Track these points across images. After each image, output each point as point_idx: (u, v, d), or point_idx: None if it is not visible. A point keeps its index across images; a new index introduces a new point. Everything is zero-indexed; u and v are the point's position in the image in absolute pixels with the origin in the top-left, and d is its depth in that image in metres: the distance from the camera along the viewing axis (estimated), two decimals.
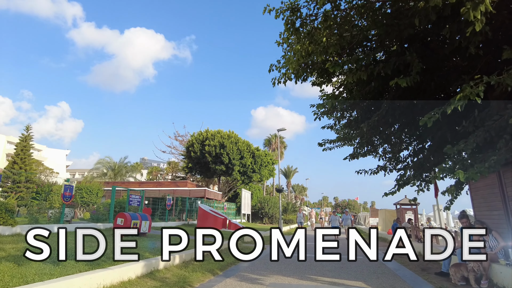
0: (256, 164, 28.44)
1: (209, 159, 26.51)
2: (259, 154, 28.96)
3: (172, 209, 19.23)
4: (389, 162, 9.83)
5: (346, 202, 75.37)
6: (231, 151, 26.49)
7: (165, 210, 17.18)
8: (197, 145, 27.51)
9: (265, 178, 30.11)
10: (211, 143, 26.77)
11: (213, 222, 17.79)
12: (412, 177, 9.10)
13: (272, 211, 32.02)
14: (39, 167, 40.37)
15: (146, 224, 9.94)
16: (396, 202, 19.38)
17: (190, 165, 27.81)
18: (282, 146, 49.17)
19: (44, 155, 67.46)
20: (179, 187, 24.72)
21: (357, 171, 9.85)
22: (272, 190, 47.02)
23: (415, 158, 9.49)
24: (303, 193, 70.14)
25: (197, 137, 28.38)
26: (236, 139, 27.95)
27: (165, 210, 17.14)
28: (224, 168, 26.43)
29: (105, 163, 46.11)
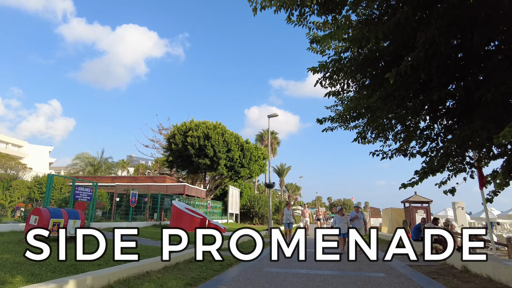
0: (245, 158, 25.56)
1: (191, 151, 23.55)
2: (248, 147, 26.07)
3: (142, 207, 16.27)
4: (408, 142, 7.29)
5: (342, 201, 72.90)
6: (217, 143, 23.56)
7: (131, 208, 14.22)
8: (179, 137, 24.53)
9: (255, 174, 27.23)
10: (194, 134, 23.82)
11: (188, 222, 14.90)
12: (445, 160, 6.53)
13: (263, 210, 29.18)
14: (9, 162, 37.25)
15: (75, 224, 7.03)
16: (405, 199, 16.74)
17: (170, 159, 24.80)
18: (275, 142, 46.39)
19: (25, 152, 64.47)
20: (156, 183, 21.73)
21: (373, 152, 7.32)
22: (264, 188, 44.20)
23: (450, 134, 6.92)
24: (297, 192, 67.45)
25: (179, 127, 25.39)
26: (223, 130, 25.04)
27: (130, 208, 14.19)
28: (208, 162, 23.49)
29: (83, 159, 42.90)
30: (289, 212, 12.17)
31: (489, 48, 5.73)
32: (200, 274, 5.13)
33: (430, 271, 6.21)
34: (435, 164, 6.56)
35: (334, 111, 8.36)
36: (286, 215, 12.16)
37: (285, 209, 12.38)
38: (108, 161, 44.23)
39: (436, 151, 6.97)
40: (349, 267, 6.38)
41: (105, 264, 4.73)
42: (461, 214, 12.37)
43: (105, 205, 13.69)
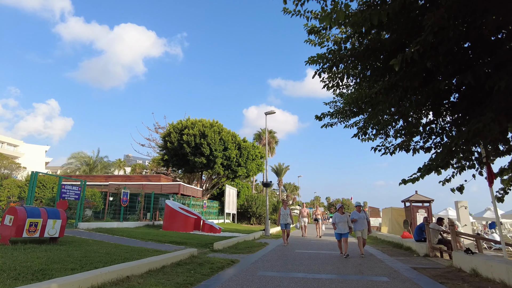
0: (242, 157, 25.08)
1: (187, 150, 23.06)
2: (245, 145, 25.59)
3: (136, 207, 15.78)
4: (410, 137, 6.99)
5: (340, 201, 72.50)
6: (213, 141, 23.08)
7: (122, 207, 13.72)
8: (175, 135, 24.02)
9: (252, 173, 26.76)
10: (190, 132, 23.32)
11: (183, 222, 14.42)
12: (450, 157, 6.17)
13: (261, 210, 28.74)
14: (2, 161, 36.77)
15: (56, 224, 6.54)
16: (405, 199, 16.32)
17: (166, 157, 24.29)
18: (273, 141, 45.93)
19: (21, 151, 64.05)
20: (151, 182, 21.22)
21: (374, 147, 6.93)
22: (262, 187, 43.75)
23: (456, 128, 6.60)
24: (295, 192, 67.02)
25: (175, 125, 24.89)
26: (219, 128, 24.56)
27: (121, 208, 13.69)
28: (204, 161, 23.00)
29: (79, 158, 42.40)
30: (286, 212, 11.19)
31: (499, 36, 5.32)
32: (187, 279, 4.68)
33: (437, 274, 5.78)
34: (439, 161, 6.18)
35: (333, 107, 7.95)
36: (283, 215, 11.10)
37: (282, 209, 11.26)
38: (104, 160, 43.73)
39: (442, 147, 6.57)
40: (350, 270, 5.94)
41: (80, 269, 4.26)
42: (464, 214, 11.95)
43: (95, 204, 13.19)
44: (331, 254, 8.61)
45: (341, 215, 8.09)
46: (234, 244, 10.02)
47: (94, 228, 10.96)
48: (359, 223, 8.20)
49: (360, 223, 8.21)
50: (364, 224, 8.19)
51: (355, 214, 8.34)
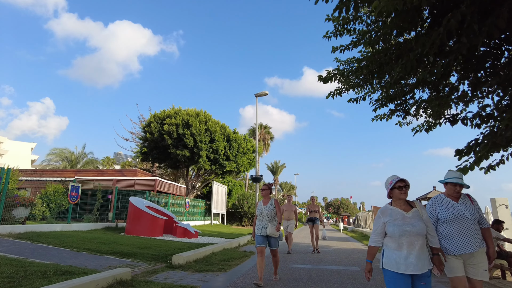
0: (232, 150, 22.32)
1: (168, 141, 20.27)
2: (235, 137, 22.84)
3: (101, 205, 12.98)
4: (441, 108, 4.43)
5: (339, 201, 69.87)
6: (197, 131, 20.30)
7: (71, 205, 10.92)
8: (155, 125, 21.23)
9: (243, 168, 24.00)
10: (172, 122, 20.54)
11: (149, 224, 11.59)
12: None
13: (253, 210, 25.99)
14: None
15: None
16: (421, 196, 13.76)
17: (144, 150, 21.47)
18: (268, 136, 43.20)
19: (5, 148, 60.90)
20: (125, 177, 18.44)
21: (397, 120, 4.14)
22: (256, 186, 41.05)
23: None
24: (292, 191, 64.32)
25: (157, 115, 22.09)
26: (206, 117, 21.80)
27: (70, 206, 10.88)
28: (188, 154, 20.22)
29: (59, 154, 39.45)
30: (291, 209, 8.78)
31: None
32: None
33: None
34: (498, 137, 3.78)
35: (347, 63, 5.32)
36: (259, 217, 5.12)
37: (260, 203, 5.22)
38: (87, 157, 40.77)
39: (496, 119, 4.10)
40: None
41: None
42: (504, 214, 9.31)
43: (33, 201, 10.40)
44: (347, 271, 5.94)
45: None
46: (206, 255, 7.31)
47: (19, 232, 8.20)
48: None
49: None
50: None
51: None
